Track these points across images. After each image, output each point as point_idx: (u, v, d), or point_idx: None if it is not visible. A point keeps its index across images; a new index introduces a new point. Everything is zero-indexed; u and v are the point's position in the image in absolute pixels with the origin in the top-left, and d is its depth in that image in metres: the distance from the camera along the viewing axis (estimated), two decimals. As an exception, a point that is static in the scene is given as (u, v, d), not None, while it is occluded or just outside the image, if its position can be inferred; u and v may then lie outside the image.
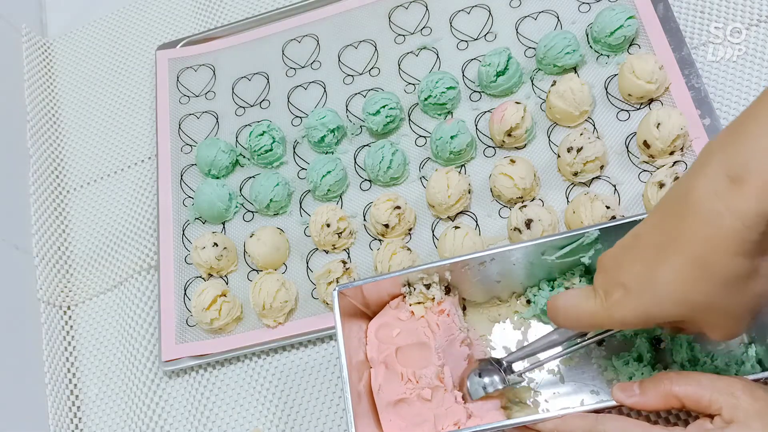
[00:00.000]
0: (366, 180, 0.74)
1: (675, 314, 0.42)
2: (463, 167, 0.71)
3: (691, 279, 0.40)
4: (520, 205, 0.64)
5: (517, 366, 0.56)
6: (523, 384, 0.57)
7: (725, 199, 0.38)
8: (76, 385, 0.74)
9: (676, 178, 0.60)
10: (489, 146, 0.71)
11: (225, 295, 0.68)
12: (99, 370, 0.74)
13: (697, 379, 0.46)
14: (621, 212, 0.63)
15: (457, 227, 0.65)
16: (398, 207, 0.67)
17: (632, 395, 0.47)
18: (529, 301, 0.61)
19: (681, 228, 0.40)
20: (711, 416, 0.45)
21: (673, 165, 0.63)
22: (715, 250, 0.38)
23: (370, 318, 0.60)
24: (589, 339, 0.52)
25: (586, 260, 0.56)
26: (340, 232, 0.69)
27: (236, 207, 0.76)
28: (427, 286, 0.58)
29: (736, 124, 0.39)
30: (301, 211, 0.74)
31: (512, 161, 0.66)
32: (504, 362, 0.55)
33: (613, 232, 0.54)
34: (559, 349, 0.54)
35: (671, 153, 0.64)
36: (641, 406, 0.47)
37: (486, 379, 0.54)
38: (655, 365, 0.55)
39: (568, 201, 0.66)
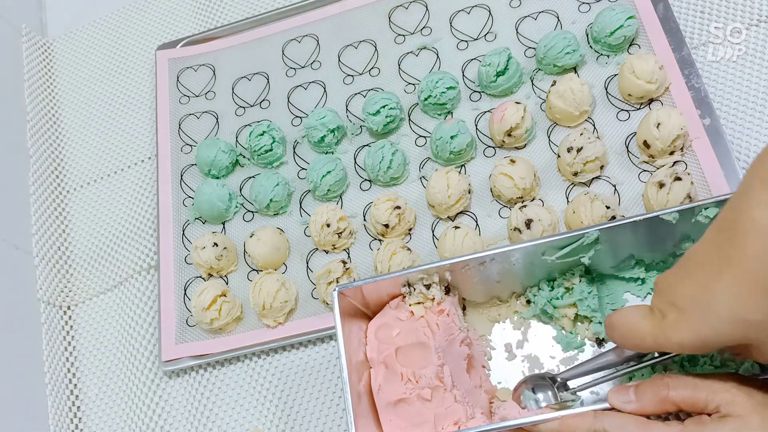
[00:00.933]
0: (366, 180, 0.74)
1: (732, 335, 0.40)
2: (463, 167, 0.71)
3: (747, 297, 0.38)
4: (520, 205, 0.64)
5: (572, 384, 0.54)
6: (576, 402, 0.55)
7: None
8: (76, 385, 0.74)
9: (677, 179, 0.60)
10: (489, 146, 0.71)
11: (225, 295, 0.68)
12: (99, 370, 0.74)
13: (693, 382, 0.45)
14: (621, 212, 0.63)
15: (457, 227, 0.65)
16: (398, 207, 0.67)
17: (628, 401, 0.47)
18: (529, 301, 0.61)
19: (735, 246, 0.39)
20: (709, 414, 0.45)
21: (673, 165, 0.63)
22: None
23: (370, 318, 0.60)
24: (646, 361, 0.51)
25: (585, 260, 0.56)
26: (340, 232, 0.69)
27: (236, 207, 0.76)
28: (427, 287, 0.58)
29: None
30: (301, 211, 0.74)
31: (512, 161, 0.66)
32: (558, 379, 0.54)
33: (613, 232, 0.54)
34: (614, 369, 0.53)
35: (671, 153, 0.64)
36: (638, 412, 0.47)
37: (540, 395, 0.54)
38: (655, 365, 0.55)
39: (568, 201, 0.66)
